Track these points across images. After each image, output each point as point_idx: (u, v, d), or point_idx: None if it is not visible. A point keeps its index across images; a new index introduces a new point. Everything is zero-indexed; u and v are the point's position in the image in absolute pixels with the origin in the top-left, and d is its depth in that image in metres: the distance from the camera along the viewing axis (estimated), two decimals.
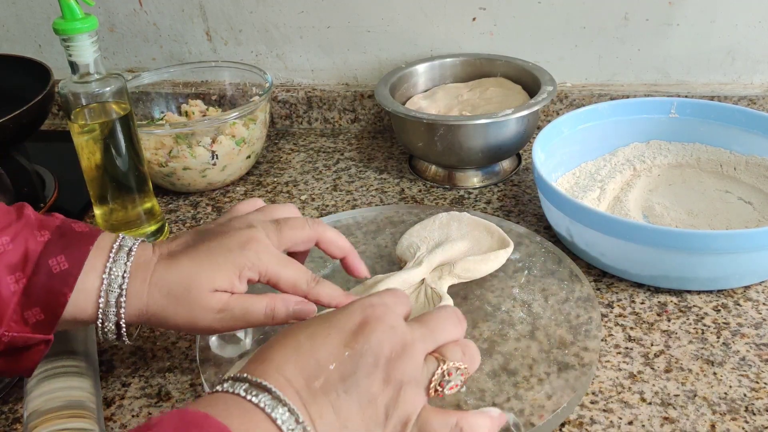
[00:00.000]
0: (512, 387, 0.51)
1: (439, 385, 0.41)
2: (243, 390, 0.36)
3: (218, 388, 0.37)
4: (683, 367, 0.54)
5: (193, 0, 0.94)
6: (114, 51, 1.00)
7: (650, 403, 0.51)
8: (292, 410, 0.36)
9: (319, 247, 0.53)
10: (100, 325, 0.47)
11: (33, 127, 0.80)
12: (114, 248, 0.48)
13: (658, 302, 0.61)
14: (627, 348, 0.56)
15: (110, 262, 0.47)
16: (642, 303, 0.61)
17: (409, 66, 0.88)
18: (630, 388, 0.52)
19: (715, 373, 0.53)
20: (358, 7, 0.90)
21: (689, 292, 0.62)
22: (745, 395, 0.51)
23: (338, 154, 0.91)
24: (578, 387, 0.50)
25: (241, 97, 0.92)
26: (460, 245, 0.61)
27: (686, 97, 0.86)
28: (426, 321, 0.43)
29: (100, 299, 0.47)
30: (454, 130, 0.75)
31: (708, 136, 0.75)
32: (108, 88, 0.65)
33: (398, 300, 0.43)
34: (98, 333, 0.48)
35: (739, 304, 0.60)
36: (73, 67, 0.63)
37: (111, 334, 0.48)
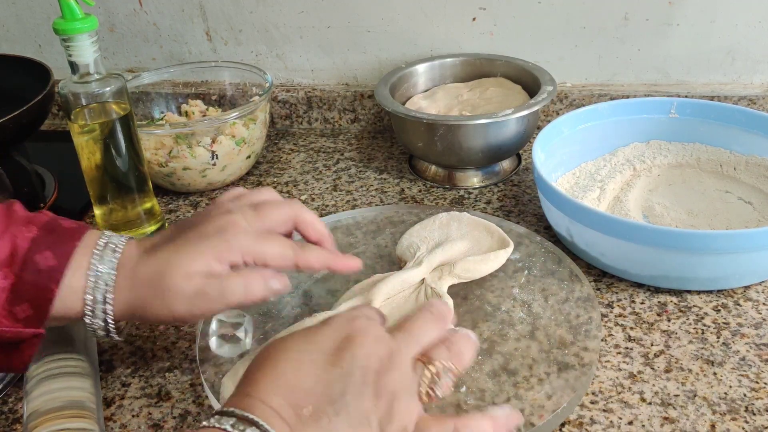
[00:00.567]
0: (512, 387, 0.51)
1: (431, 388, 0.40)
2: (230, 425, 0.35)
3: (205, 423, 0.36)
4: (683, 367, 0.54)
5: (193, 0, 0.94)
6: (114, 51, 1.00)
7: (650, 403, 0.51)
8: None
9: (297, 229, 0.53)
10: (89, 322, 0.47)
11: (33, 127, 0.80)
12: (100, 245, 0.48)
13: (658, 302, 0.61)
14: (627, 348, 0.56)
15: (96, 259, 0.47)
16: (642, 303, 0.61)
17: (409, 66, 0.88)
18: (630, 388, 0.52)
19: (715, 373, 0.53)
20: (358, 7, 0.90)
21: (689, 292, 0.62)
22: (745, 395, 0.51)
23: (338, 154, 0.91)
24: (578, 387, 0.50)
25: (241, 97, 0.92)
26: (460, 245, 0.61)
27: (686, 97, 0.86)
28: (406, 326, 0.42)
29: (86, 296, 0.47)
30: (454, 130, 0.75)
31: (708, 136, 0.75)
32: (108, 88, 0.65)
33: (375, 311, 0.44)
34: (87, 330, 0.48)
35: (739, 304, 0.60)
36: (73, 67, 0.63)
37: (100, 330, 0.48)
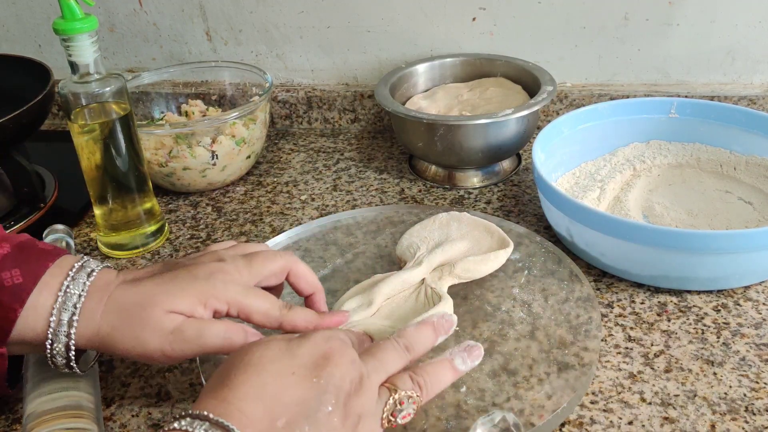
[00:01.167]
0: (512, 387, 0.51)
1: (392, 414, 0.41)
2: (203, 430, 0.35)
3: (176, 425, 0.36)
4: (683, 367, 0.54)
5: (193, 0, 0.94)
6: (114, 51, 1.00)
7: (650, 403, 0.51)
8: None
9: (289, 281, 0.52)
10: (48, 347, 0.45)
11: (33, 127, 0.80)
12: (75, 267, 0.46)
13: (658, 302, 0.61)
14: (627, 348, 0.56)
15: (68, 280, 0.45)
16: (642, 303, 0.61)
17: (409, 66, 0.88)
18: (630, 388, 0.52)
19: (715, 373, 0.53)
20: (358, 7, 0.90)
21: (689, 292, 0.62)
22: (745, 395, 0.51)
23: (338, 154, 0.91)
24: (578, 387, 0.50)
25: (241, 97, 0.92)
26: (460, 245, 0.61)
27: (686, 97, 0.86)
28: (374, 353, 0.43)
29: (51, 318, 0.44)
30: (454, 130, 0.75)
31: (708, 136, 0.75)
32: (108, 88, 0.65)
33: (349, 335, 0.46)
34: (48, 358, 0.46)
35: (739, 304, 0.60)
36: (73, 67, 0.63)
37: (60, 357, 0.45)
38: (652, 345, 0.56)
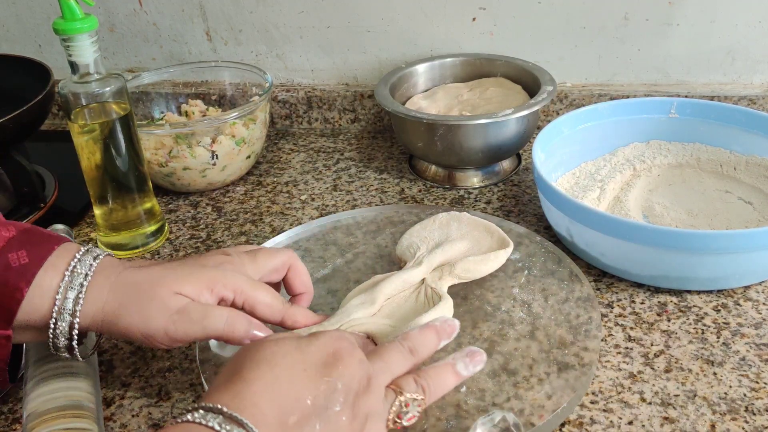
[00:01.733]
0: (512, 387, 0.51)
1: (398, 416, 0.42)
2: (217, 423, 0.35)
3: (189, 417, 0.36)
4: (683, 367, 0.54)
5: (193, 0, 0.94)
6: (114, 51, 1.00)
7: (650, 403, 0.51)
8: None
9: (286, 278, 0.54)
10: (52, 326, 0.45)
11: (33, 127, 0.80)
12: (81, 250, 0.47)
13: (658, 302, 0.61)
14: (627, 348, 0.56)
15: (75, 261, 0.46)
16: (642, 303, 0.61)
17: (409, 66, 0.88)
18: (630, 388, 0.52)
19: (715, 373, 0.53)
20: (358, 7, 0.90)
21: (689, 292, 0.62)
22: (745, 395, 0.51)
23: (338, 154, 0.91)
24: (578, 387, 0.50)
25: (241, 97, 0.92)
26: (460, 245, 0.61)
27: (686, 97, 0.86)
28: (380, 354, 0.44)
29: (57, 296, 0.44)
30: (454, 130, 0.75)
31: (708, 136, 0.75)
32: (108, 88, 0.65)
33: (355, 337, 0.47)
34: (49, 339, 0.46)
35: (739, 304, 0.60)
36: (73, 67, 0.63)
37: (63, 338, 0.46)
38: (652, 345, 0.56)
